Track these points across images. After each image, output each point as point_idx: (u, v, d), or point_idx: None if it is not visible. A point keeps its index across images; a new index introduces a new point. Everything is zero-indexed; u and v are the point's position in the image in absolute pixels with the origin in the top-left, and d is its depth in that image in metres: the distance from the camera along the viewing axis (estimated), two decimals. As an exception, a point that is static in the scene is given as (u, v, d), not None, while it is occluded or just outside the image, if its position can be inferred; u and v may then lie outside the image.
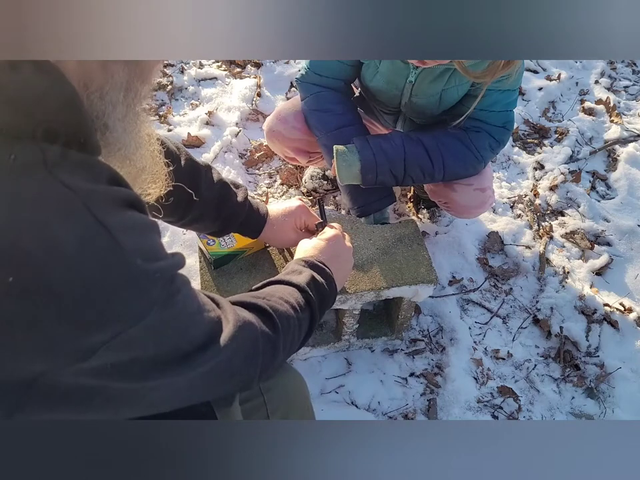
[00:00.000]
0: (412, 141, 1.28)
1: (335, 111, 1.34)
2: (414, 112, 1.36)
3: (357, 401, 1.33)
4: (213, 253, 1.16)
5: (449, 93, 1.25)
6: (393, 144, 1.27)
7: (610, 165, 2.02)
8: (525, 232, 1.74)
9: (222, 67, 2.21)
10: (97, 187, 0.46)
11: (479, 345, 1.47)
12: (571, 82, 2.33)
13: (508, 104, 1.27)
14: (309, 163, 1.57)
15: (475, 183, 1.36)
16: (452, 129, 1.31)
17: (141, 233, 0.49)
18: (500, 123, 1.28)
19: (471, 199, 1.38)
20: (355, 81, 1.40)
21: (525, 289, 1.61)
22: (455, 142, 1.29)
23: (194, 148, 1.85)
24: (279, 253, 1.24)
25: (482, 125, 1.28)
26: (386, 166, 1.26)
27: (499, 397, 1.38)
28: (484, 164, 1.33)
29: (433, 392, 1.37)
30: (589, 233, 1.75)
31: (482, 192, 1.37)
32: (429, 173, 1.30)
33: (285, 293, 0.79)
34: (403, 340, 1.44)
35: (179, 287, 0.53)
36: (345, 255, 1.01)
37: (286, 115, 1.44)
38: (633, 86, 2.39)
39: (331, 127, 1.33)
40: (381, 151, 1.26)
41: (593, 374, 1.44)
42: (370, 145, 1.26)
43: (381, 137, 1.30)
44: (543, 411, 1.37)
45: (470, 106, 1.26)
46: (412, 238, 1.29)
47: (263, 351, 0.67)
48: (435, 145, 1.28)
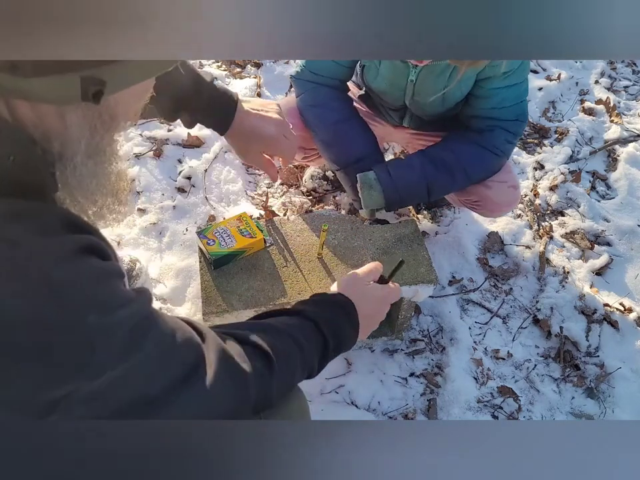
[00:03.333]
0: (431, 162, 1.30)
1: (331, 106, 1.35)
2: (419, 110, 1.37)
3: (356, 401, 1.33)
4: (212, 253, 1.16)
5: (452, 91, 1.25)
6: (414, 172, 1.30)
7: (610, 164, 2.02)
8: (525, 232, 1.74)
9: (222, 67, 2.21)
10: (45, 238, 0.44)
11: (479, 345, 1.47)
12: (571, 82, 2.33)
13: (518, 96, 1.27)
14: (304, 160, 1.57)
15: (508, 180, 1.38)
16: (466, 133, 1.32)
17: (97, 283, 0.46)
18: (513, 116, 1.28)
19: (505, 196, 1.40)
20: (350, 79, 1.41)
21: (525, 289, 1.61)
22: (472, 148, 1.30)
23: (194, 148, 1.85)
24: (279, 253, 1.24)
25: (496, 123, 1.28)
26: (410, 195, 1.32)
27: (499, 397, 1.38)
28: (506, 157, 1.35)
29: (432, 392, 1.37)
30: (589, 233, 1.75)
31: (515, 189, 1.40)
32: (453, 187, 1.35)
33: (294, 326, 0.71)
34: (403, 340, 1.44)
35: (146, 331, 0.50)
36: (380, 309, 0.92)
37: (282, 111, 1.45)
38: (632, 86, 2.39)
39: (328, 122, 1.34)
40: (403, 183, 1.29)
41: (593, 374, 1.44)
42: (392, 178, 1.29)
43: (402, 164, 1.32)
44: (543, 410, 1.37)
45: (480, 106, 1.28)
46: (412, 238, 1.29)
47: (255, 392, 0.61)
48: (454, 160, 1.30)
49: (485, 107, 1.27)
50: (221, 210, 1.69)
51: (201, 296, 1.15)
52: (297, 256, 1.23)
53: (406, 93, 1.30)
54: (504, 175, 1.37)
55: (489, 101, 1.25)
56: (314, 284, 1.19)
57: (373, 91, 1.40)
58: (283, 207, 1.72)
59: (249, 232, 1.21)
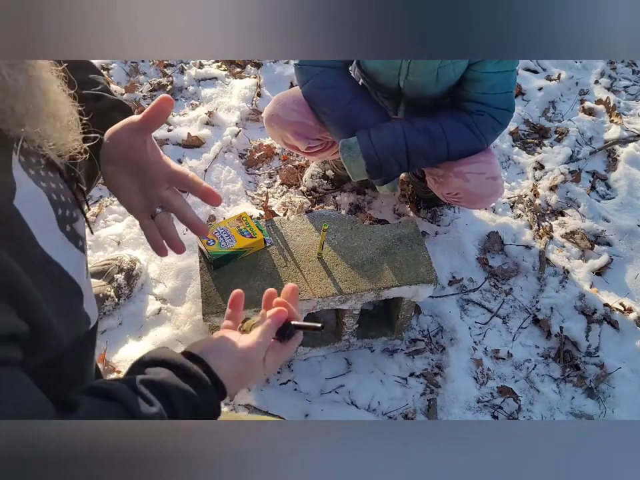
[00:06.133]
0: (414, 129, 1.32)
1: (342, 85, 1.37)
2: (413, 91, 1.38)
3: (356, 401, 1.33)
4: (213, 253, 1.16)
5: (446, 70, 1.28)
6: (394, 135, 1.31)
7: (610, 165, 2.02)
8: (525, 232, 1.74)
9: (222, 67, 2.21)
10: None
11: (479, 345, 1.47)
12: (571, 82, 2.33)
13: (508, 85, 1.32)
14: (307, 152, 1.57)
15: (487, 172, 1.38)
16: (457, 112, 1.35)
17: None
18: (502, 105, 1.33)
19: (485, 187, 1.40)
20: (352, 63, 1.45)
21: (525, 289, 1.61)
22: (459, 125, 1.33)
23: (194, 148, 1.85)
24: (279, 253, 1.24)
25: (485, 108, 1.32)
26: (388, 159, 1.31)
27: (499, 397, 1.38)
28: (486, 145, 1.38)
29: (432, 392, 1.37)
30: (589, 233, 1.75)
31: (494, 180, 1.40)
32: (432, 158, 1.35)
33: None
34: (403, 340, 1.44)
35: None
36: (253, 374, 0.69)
37: (284, 98, 1.47)
38: (633, 86, 2.39)
39: (342, 102, 1.36)
40: (382, 145, 1.30)
41: (592, 374, 1.44)
42: (371, 140, 1.30)
43: (383, 128, 1.33)
44: (543, 410, 1.37)
45: (472, 90, 1.31)
46: (412, 238, 1.29)
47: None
48: (439, 131, 1.32)
49: (477, 91, 1.31)
50: (221, 210, 1.69)
51: (201, 296, 1.15)
52: (296, 256, 1.23)
53: (400, 71, 1.32)
54: (483, 166, 1.37)
55: (481, 85, 1.29)
56: (314, 284, 1.19)
57: (369, 75, 1.42)
58: (282, 207, 1.72)
59: (249, 232, 1.21)
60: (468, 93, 1.32)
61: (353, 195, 1.75)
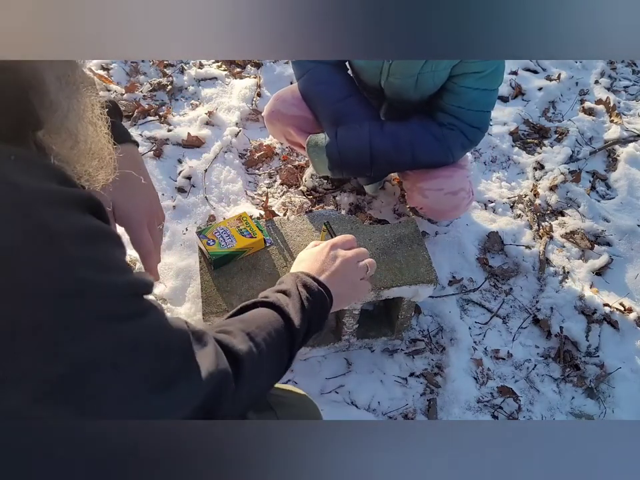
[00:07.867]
0: (382, 133, 1.33)
1: (334, 81, 1.38)
2: (393, 93, 1.39)
3: (357, 401, 1.33)
4: (213, 252, 1.16)
5: (425, 77, 1.28)
6: (360, 137, 1.32)
7: (610, 165, 2.02)
8: (525, 232, 1.74)
9: (222, 67, 2.21)
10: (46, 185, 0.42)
11: (479, 345, 1.47)
12: (571, 82, 2.33)
13: (486, 104, 1.31)
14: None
15: (445, 187, 1.38)
16: (429, 122, 1.34)
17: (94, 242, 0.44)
18: (475, 123, 1.32)
19: (443, 203, 1.41)
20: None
21: (524, 289, 1.61)
22: (428, 136, 1.33)
23: (194, 148, 1.85)
24: (279, 253, 1.24)
25: (457, 123, 1.31)
26: (351, 158, 1.33)
27: (499, 397, 1.38)
28: (452, 160, 1.37)
29: (432, 392, 1.37)
30: (589, 233, 1.75)
31: (453, 195, 1.39)
32: (396, 163, 1.37)
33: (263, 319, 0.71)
34: (403, 340, 1.44)
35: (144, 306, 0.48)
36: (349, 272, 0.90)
37: (284, 94, 1.49)
38: (633, 86, 2.39)
39: (333, 99, 1.36)
40: (346, 144, 1.31)
41: (593, 374, 1.44)
42: (337, 139, 1.32)
43: (351, 128, 1.34)
44: (543, 410, 1.37)
45: (449, 102, 1.30)
46: (412, 238, 1.29)
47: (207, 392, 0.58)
48: (407, 138, 1.32)
49: (453, 104, 1.30)
50: (221, 210, 1.69)
51: (201, 296, 1.15)
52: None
53: (382, 71, 1.33)
54: (441, 182, 1.37)
55: (458, 98, 1.28)
56: (314, 284, 1.19)
57: (354, 71, 1.43)
58: (282, 207, 1.72)
59: (249, 232, 1.21)
60: (444, 104, 1.32)
61: (352, 195, 1.75)
